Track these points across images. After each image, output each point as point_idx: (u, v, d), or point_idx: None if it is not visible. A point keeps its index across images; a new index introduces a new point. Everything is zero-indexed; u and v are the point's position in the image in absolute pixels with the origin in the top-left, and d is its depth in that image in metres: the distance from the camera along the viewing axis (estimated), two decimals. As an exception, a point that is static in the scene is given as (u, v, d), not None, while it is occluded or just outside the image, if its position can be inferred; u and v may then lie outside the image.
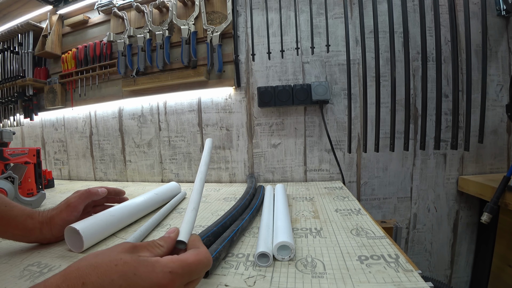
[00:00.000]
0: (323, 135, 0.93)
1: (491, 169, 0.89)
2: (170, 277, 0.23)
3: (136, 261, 0.23)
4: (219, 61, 0.94)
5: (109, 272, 0.22)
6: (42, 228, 0.43)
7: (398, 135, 0.86)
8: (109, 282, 0.21)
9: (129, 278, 0.22)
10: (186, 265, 0.25)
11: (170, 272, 0.23)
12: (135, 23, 1.06)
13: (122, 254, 0.24)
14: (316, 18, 0.93)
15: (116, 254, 0.24)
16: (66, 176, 1.28)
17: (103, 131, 1.17)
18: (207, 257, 0.27)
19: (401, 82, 0.84)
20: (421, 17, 0.80)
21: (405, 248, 0.92)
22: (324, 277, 0.32)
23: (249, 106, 0.98)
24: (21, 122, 1.35)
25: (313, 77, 0.93)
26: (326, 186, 0.83)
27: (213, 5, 0.98)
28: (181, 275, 0.24)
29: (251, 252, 0.40)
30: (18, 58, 1.26)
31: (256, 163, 0.99)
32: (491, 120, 0.87)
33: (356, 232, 0.45)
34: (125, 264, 0.22)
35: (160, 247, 0.28)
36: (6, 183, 0.64)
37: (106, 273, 0.21)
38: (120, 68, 1.06)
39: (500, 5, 0.84)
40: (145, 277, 0.22)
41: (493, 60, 0.86)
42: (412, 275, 0.31)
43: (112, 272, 0.22)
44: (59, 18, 1.20)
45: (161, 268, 0.23)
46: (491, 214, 0.70)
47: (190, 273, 0.25)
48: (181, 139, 1.06)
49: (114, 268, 0.22)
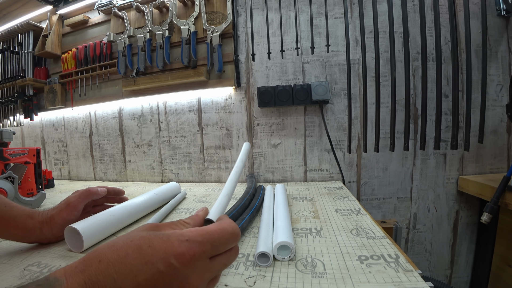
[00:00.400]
0: (323, 135, 0.93)
1: (491, 169, 0.89)
2: (187, 245, 0.22)
3: (152, 235, 0.22)
4: (219, 61, 0.94)
5: (124, 247, 0.21)
6: (42, 228, 0.43)
7: (398, 135, 0.86)
8: (124, 255, 0.20)
9: (143, 250, 0.21)
10: (206, 233, 0.23)
11: (187, 240, 0.22)
12: (135, 23, 1.06)
13: (140, 231, 0.23)
14: (316, 18, 0.93)
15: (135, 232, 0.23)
16: (66, 176, 1.28)
17: (103, 131, 1.17)
18: (231, 226, 0.25)
19: (401, 82, 0.84)
20: (421, 17, 0.80)
21: (405, 248, 0.92)
22: (324, 277, 0.32)
23: (249, 106, 0.98)
24: (21, 122, 1.35)
25: (313, 77, 0.93)
26: (326, 186, 0.83)
27: (213, 5, 0.98)
28: (201, 243, 0.22)
29: (251, 252, 0.40)
30: (18, 58, 1.25)
31: (256, 163, 0.99)
32: (491, 120, 0.87)
33: (356, 232, 0.45)
34: (140, 239, 0.22)
35: (186, 224, 0.27)
36: (6, 183, 0.64)
37: (122, 248, 0.21)
38: (120, 68, 1.06)
39: (500, 5, 0.84)
40: (159, 247, 0.21)
41: (493, 60, 0.86)
42: (412, 275, 0.31)
43: (128, 246, 0.21)
44: (59, 18, 1.20)
45: (177, 237, 0.22)
46: (491, 214, 0.70)
47: (212, 243, 0.23)
48: (181, 139, 1.06)
49: (130, 243, 0.21)
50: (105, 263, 0.20)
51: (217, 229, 0.24)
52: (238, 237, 0.26)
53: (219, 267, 0.24)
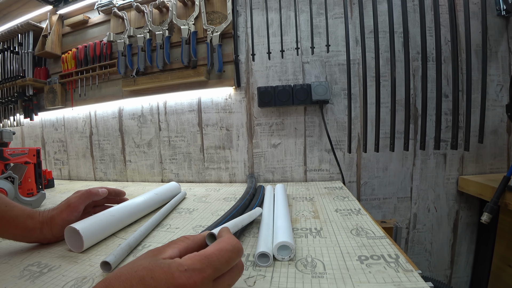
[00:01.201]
0: (323, 135, 0.93)
1: (491, 169, 0.89)
2: (187, 275, 0.22)
3: (153, 265, 0.23)
4: (219, 61, 0.94)
5: (129, 278, 0.22)
6: (42, 228, 0.43)
7: (398, 135, 0.86)
8: (129, 287, 0.22)
9: (146, 281, 0.22)
10: (205, 258, 0.23)
11: (186, 270, 0.22)
12: (135, 23, 1.06)
13: (143, 260, 0.24)
14: (316, 18, 0.93)
15: (138, 261, 0.24)
16: (66, 176, 1.28)
17: (103, 131, 1.17)
18: (230, 243, 0.25)
19: (401, 82, 0.84)
20: (421, 17, 0.80)
21: (405, 248, 0.92)
22: (324, 277, 0.32)
23: (249, 106, 0.98)
24: (21, 122, 1.35)
25: (313, 77, 0.93)
26: (326, 186, 0.83)
27: (213, 5, 0.98)
28: (201, 270, 0.22)
29: (251, 252, 0.40)
30: (18, 58, 1.25)
31: (256, 163, 0.99)
32: (491, 120, 0.87)
33: (356, 232, 0.45)
34: (143, 269, 0.22)
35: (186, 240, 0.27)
36: (6, 183, 0.64)
37: (127, 280, 0.22)
38: (120, 68, 1.06)
39: (500, 5, 0.84)
40: (160, 278, 0.22)
41: (493, 60, 0.86)
42: (412, 275, 0.31)
43: (132, 278, 0.22)
44: (59, 18, 1.20)
45: (176, 267, 0.22)
46: (491, 214, 0.70)
47: (212, 266, 0.23)
48: (181, 139, 1.06)
49: (134, 274, 0.22)
50: None
51: (215, 250, 0.24)
52: (240, 252, 0.26)
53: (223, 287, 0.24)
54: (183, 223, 0.55)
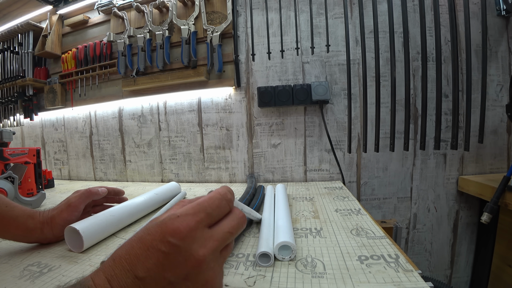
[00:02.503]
0: (323, 135, 0.93)
1: (491, 169, 0.89)
2: (180, 220, 0.22)
3: (149, 224, 0.24)
4: (219, 61, 0.94)
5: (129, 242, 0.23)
6: (43, 228, 0.43)
7: (398, 135, 0.86)
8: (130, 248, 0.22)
9: (144, 239, 0.22)
10: (196, 205, 0.24)
11: (179, 216, 0.23)
12: (135, 23, 1.06)
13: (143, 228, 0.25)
14: (316, 18, 0.93)
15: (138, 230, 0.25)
16: (66, 176, 1.28)
17: (103, 131, 1.17)
18: (219, 192, 0.26)
19: (401, 82, 0.84)
20: (421, 17, 0.80)
21: (405, 248, 0.92)
22: (324, 277, 0.32)
23: (249, 106, 0.98)
24: (21, 122, 1.35)
25: (313, 77, 0.93)
26: (326, 186, 0.83)
27: (213, 5, 0.98)
28: (193, 214, 0.23)
29: (251, 252, 0.40)
30: (18, 58, 1.25)
31: (256, 163, 0.99)
32: (491, 120, 0.87)
33: (356, 232, 0.45)
34: (140, 231, 0.24)
35: (181, 203, 0.26)
36: (6, 183, 0.64)
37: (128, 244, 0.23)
38: (120, 68, 1.06)
39: (500, 5, 0.84)
40: (155, 231, 0.22)
41: (493, 60, 0.86)
42: (412, 275, 0.31)
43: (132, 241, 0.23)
44: (59, 18, 1.20)
45: (169, 216, 0.23)
46: (491, 214, 0.70)
47: (204, 210, 0.24)
48: (181, 139, 1.06)
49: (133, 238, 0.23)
50: (117, 260, 0.22)
51: (206, 197, 0.25)
52: (229, 198, 0.27)
53: (222, 234, 0.24)
54: (183, 223, 0.55)
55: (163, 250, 0.21)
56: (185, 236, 0.22)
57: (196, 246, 0.22)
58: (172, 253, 0.21)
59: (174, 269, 0.21)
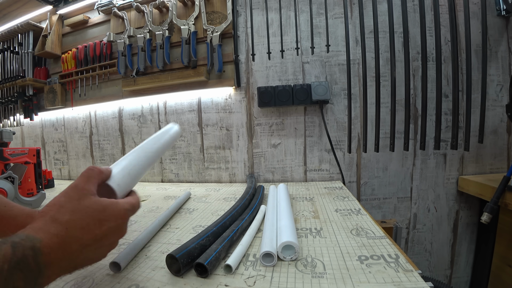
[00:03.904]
0: (323, 135, 0.93)
1: (491, 169, 0.89)
2: (128, 213, 0.32)
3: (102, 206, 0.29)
4: (219, 61, 0.94)
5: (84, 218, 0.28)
6: (42, 227, 0.43)
7: (398, 135, 0.86)
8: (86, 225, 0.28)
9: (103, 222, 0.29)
10: (132, 205, 0.33)
11: (127, 210, 0.32)
12: (135, 23, 1.06)
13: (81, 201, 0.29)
14: (316, 18, 0.93)
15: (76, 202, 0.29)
16: (66, 176, 1.28)
17: (103, 131, 1.17)
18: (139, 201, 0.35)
19: (401, 82, 0.84)
20: (421, 17, 0.80)
21: (405, 248, 0.92)
22: (324, 277, 0.32)
23: (249, 106, 0.98)
24: (21, 122, 1.35)
25: (313, 77, 0.93)
26: (326, 186, 0.83)
27: (213, 5, 0.98)
28: (131, 211, 0.33)
29: (251, 252, 0.40)
30: (18, 58, 1.25)
31: (256, 163, 0.99)
32: (491, 120, 0.87)
33: (356, 232, 0.45)
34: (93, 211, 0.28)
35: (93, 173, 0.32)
36: (6, 183, 0.64)
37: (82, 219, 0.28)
38: (120, 68, 1.06)
39: (500, 5, 0.84)
40: (112, 215, 0.30)
41: (493, 60, 0.86)
42: (412, 275, 0.31)
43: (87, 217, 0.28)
44: (59, 18, 1.20)
45: (122, 206, 0.31)
46: (491, 214, 0.70)
47: (134, 210, 0.33)
48: (181, 139, 1.06)
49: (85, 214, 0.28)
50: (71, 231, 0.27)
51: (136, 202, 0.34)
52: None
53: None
54: (183, 223, 0.55)
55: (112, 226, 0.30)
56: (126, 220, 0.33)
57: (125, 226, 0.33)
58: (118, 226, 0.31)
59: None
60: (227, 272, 0.34)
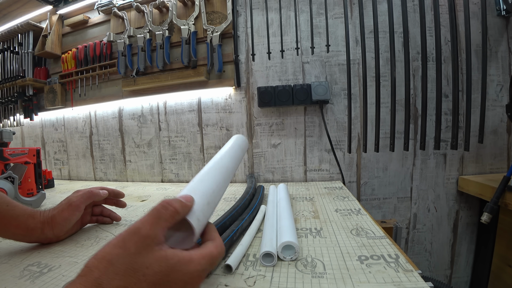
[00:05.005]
0: (323, 135, 0.93)
1: (491, 169, 0.89)
2: (203, 274, 0.25)
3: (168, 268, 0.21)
4: (219, 61, 0.94)
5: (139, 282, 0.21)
6: (43, 228, 0.43)
7: (398, 135, 0.86)
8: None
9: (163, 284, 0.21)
10: (213, 259, 0.25)
11: (204, 269, 0.24)
12: (135, 23, 1.06)
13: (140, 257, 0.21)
14: (316, 18, 0.93)
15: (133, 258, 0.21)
16: (66, 176, 1.28)
17: (103, 131, 1.17)
18: (224, 249, 0.28)
19: (401, 82, 0.84)
20: (421, 17, 0.80)
21: (405, 248, 0.92)
22: (324, 277, 0.32)
23: (249, 106, 0.98)
24: (21, 122, 1.35)
25: (313, 77, 0.93)
26: (326, 186, 0.83)
27: (213, 5, 0.98)
28: (208, 269, 0.25)
29: (251, 252, 0.40)
30: (18, 58, 1.25)
31: (256, 163, 0.99)
32: (491, 120, 0.87)
33: (356, 232, 0.45)
34: (155, 275, 0.21)
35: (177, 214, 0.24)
36: (6, 183, 0.64)
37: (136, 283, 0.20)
38: (120, 68, 1.06)
39: (500, 5, 0.84)
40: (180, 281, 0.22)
41: (493, 60, 0.86)
42: (412, 275, 0.31)
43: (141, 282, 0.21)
44: (59, 18, 1.20)
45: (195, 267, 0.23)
46: (491, 214, 0.70)
47: (213, 265, 0.26)
48: (181, 139, 1.06)
49: (142, 278, 0.20)
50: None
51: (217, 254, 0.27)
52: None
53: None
54: (183, 223, 0.55)
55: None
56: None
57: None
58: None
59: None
60: (227, 272, 0.34)
